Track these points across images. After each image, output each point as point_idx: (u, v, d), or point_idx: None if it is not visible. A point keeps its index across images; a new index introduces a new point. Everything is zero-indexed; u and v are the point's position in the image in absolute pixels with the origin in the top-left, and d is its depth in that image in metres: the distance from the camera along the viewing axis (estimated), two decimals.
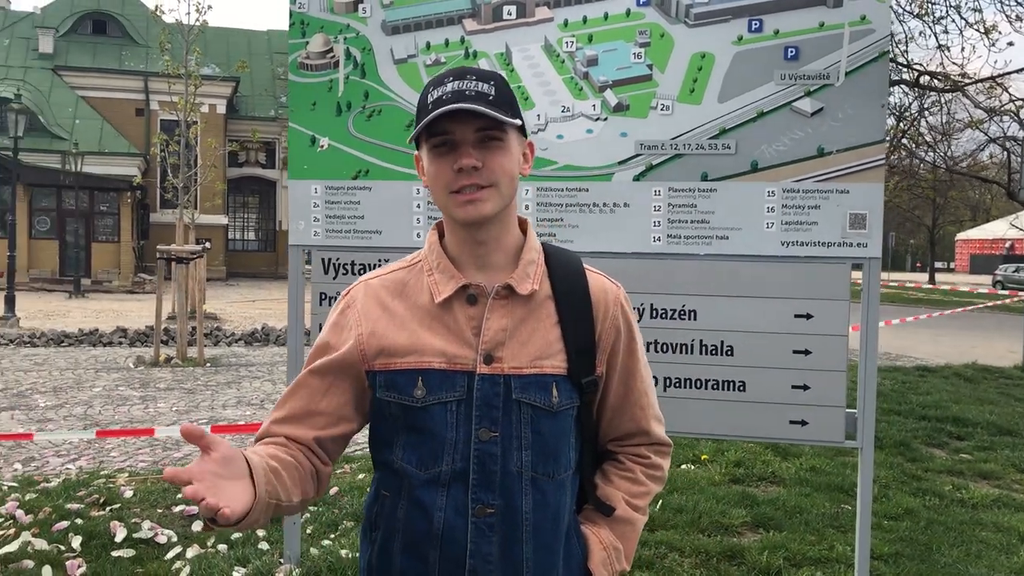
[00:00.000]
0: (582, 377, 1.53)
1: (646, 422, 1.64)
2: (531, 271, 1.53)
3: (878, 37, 3.23)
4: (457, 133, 1.46)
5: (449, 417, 1.48)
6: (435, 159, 1.48)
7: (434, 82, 1.50)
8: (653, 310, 3.43)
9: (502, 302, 1.51)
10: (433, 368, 1.49)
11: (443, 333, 1.51)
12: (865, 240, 3.27)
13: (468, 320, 1.51)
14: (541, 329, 1.52)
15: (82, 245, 30.26)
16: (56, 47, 36.69)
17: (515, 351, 1.50)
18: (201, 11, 15.14)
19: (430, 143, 1.48)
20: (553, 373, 1.51)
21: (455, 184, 1.46)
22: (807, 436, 3.36)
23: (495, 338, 1.49)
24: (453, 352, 1.49)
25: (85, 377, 10.69)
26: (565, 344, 1.52)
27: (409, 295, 1.55)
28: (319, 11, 3.61)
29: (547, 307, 1.54)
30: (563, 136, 3.43)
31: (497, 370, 1.48)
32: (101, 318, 18.64)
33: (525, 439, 1.49)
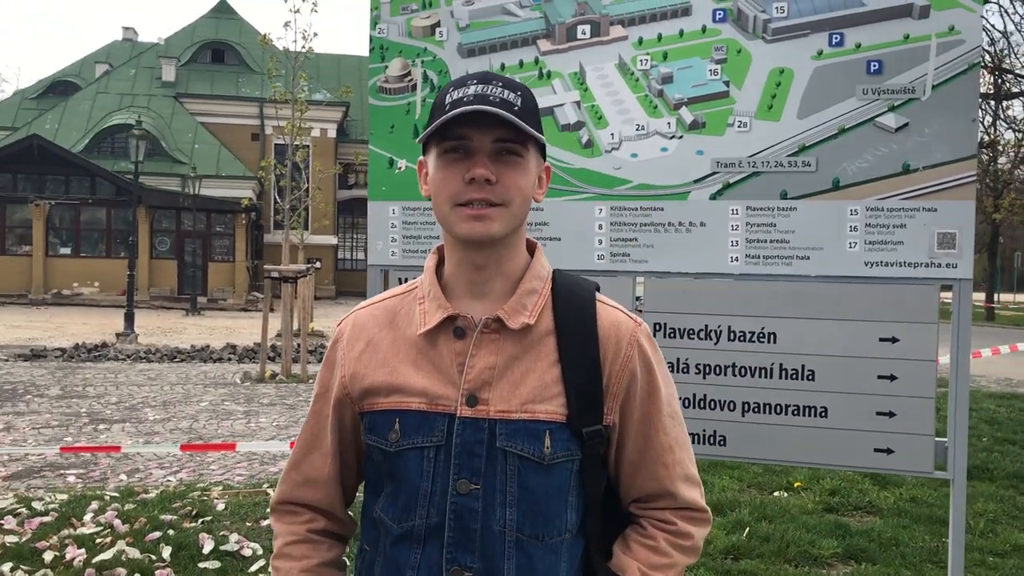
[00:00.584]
0: (584, 426, 1.33)
1: (671, 483, 1.42)
2: (529, 302, 1.36)
3: (968, 48, 3.08)
4: (474, 139, 1.30)
5: (426, 465, 1.32)
6: (444, 165, 1.33)
7: (456, 83, 1.36)
8: (731, 332, 3.34)
9: (491, 336, 1.34)
10: (411, 409, 1.33)
11: (427, 370, 1.35)
12: (955, 260, 3.11)
13: (454, 356, 1.34)
14: (537, 369, 1.34)
15: (199, 264, 31.60)
16: (178, 75, 38.57)
17: (504, 393, 1.32)
18: (307, 39, 15.66)
19: (441, 147, 1.33)
20: (547, 420, 1.32)
21: (463, 196, 1.31)
22: (893, 465, 3.20)
23: (480, 377, 1.32)
24: (435, 391, 1.33)
25: (193, 392, 11.11)
26: (565, 387, 1.33)
27: (398, 325, 1.40)
28: (397, 36, 3.68)
29: (547, 344, 1.36)
30: (637, 155, 3.39)
31: (481, 413, 1.31)
32: (214, 335, 19.39)
33: (510, 494, 1.31)
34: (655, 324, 3.39)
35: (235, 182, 34.53)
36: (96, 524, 4.80)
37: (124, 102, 36.76)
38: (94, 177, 32.51)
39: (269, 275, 13.01)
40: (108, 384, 11.68)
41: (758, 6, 3.26)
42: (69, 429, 8.55)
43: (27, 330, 19.97)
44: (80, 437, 8.17)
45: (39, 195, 32.05)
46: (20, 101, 41.57)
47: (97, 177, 32.44)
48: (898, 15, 3.13)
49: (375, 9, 3.71)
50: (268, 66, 15.96)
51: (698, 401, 3.36)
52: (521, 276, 1.39)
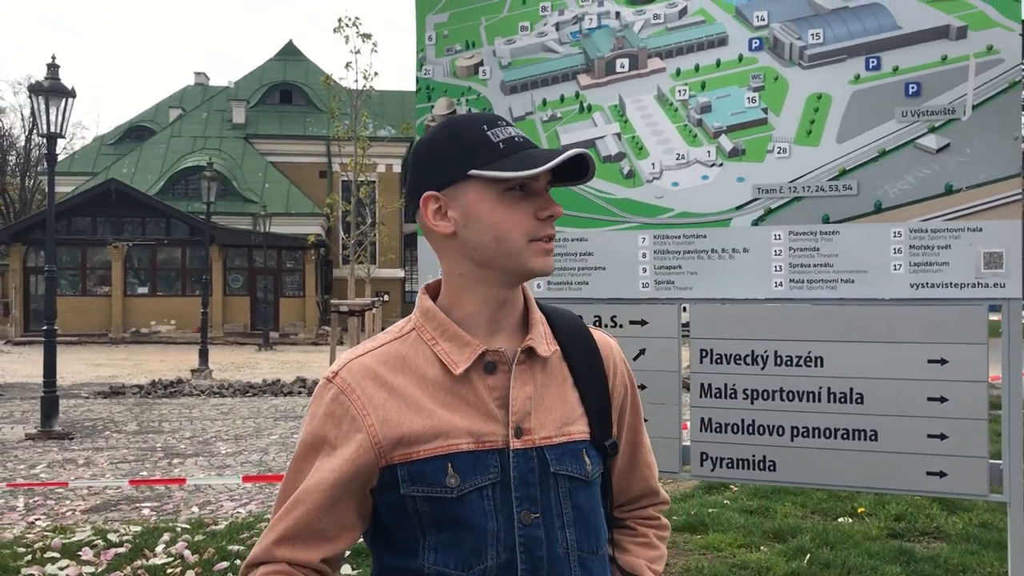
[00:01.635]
0: (604, 440, 1.43)
1: (654, 481, 1.56)
2: (544, 331, 1.42)
3: (1008, 67, 3.07)
4: (540, 180, 1.35)
5: (487, 504, 1.31)
6: (512, 203, 1.33)
7: (486, 121, 1.38)
8: (777, 357, 3.35)
9: (524, 367, 1.37)
10: (462, 451, 1.31)
11: (464, 409, 1.34)
12: (1003, 280, 3.08)
13: (489, 391, 1.35)
14: (562, 393, 1.41)
15: (270, 300, 32.30)
16: (247, 117, 39.69)
17: (543, 419, 1.37)
18: (368, 78, 16.05)
19: (504, 184, 1.32)
20: (580, 439, 1.40)
21: (540, 232, 1.34)
22: (946, 488, 3.16)
23: (524, 408, 1.35)
24: (480, 430, 1.33)
25: (264, 425, 11.36)
26: (585, 406, 1.42)
27: (413, 370, 1.36)
28: (443, 76, 3.80)
29: (562, 369, 1.43)
30: (678, 183, 3.44)
31: (529, 443, 1.34)
32: (286, 369, 19.76)
33: (567, 516, 1.36)
34: (701, 350, 3.42)
35: (304, 219, 35.29)
36: (167, 555, 4.96)
37: (196, 144, 37.98)
38: (169, 218, 33.57)
39: (337, 309, 13.28)
40: (183, 419, 12.01)
41: (794, 33, 3.29)
42: (144, 463, 8.83)
43: (107, 368, 20.65)
44: (155, 471, 8.43)
45: (117, 237, 33.20)
46: (99, 147, 43.26)
47: (172, 218, 33.49)
48: (935, 37, 3.14)
49: (421, 51, 3.84)
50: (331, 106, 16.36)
51: (747, 426, 3.37)
52: (523, 309, 1.43)
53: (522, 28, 3.65)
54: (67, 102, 11.31)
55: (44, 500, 7.12)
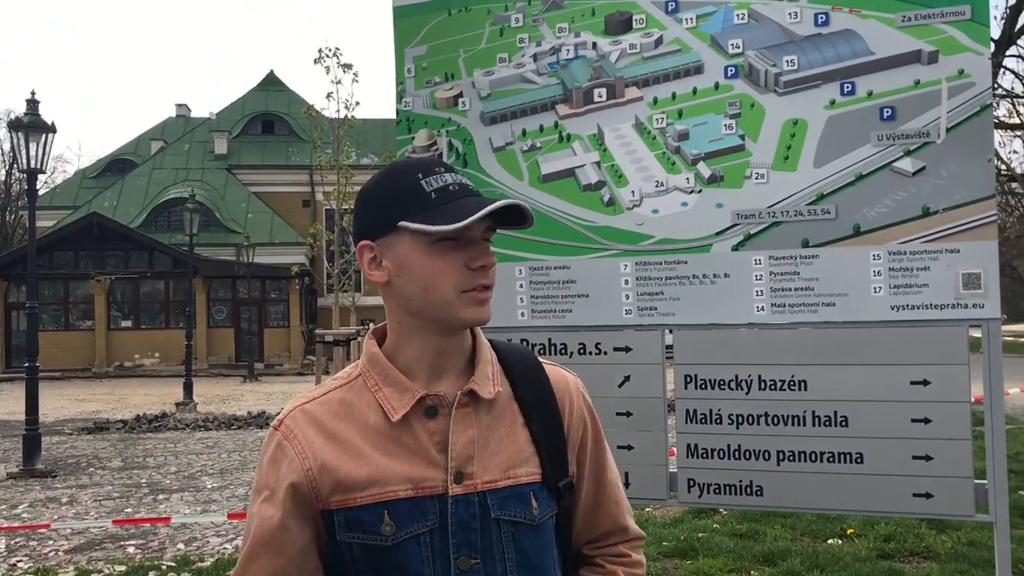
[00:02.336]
0: (558, 480, 1.40)
1: (623, 517, 1.51)
2: (489, 372, 1.39)
3: (979, 90, 3.11)
4: (474, 229, 1.31)
5: (424, 551, 1.31)
6: (443, 253, 1.31)
7: (420, 168, 1.36)
8: (761, 381, 3.35)
9: (465, 411, 1.35)
10: (400, 498, 1.31)
11: (404, 455, 1.33)
12: (981, 300, 3.11)
13: (430, 436, 1.34)
14: (510, 435, 1.38)
15: (255, 331, 32.13)
16: (230, 147, 39.73)
17: (486, 463, 1.34)
18: (350, 107, 16.11)
19: (433, 235, 1.30)
20: (529, 481, 1.37)
21: (471, 282, 1.32)
22: (933, 509, 3.17)
23: (464, 452, 1.33)
24: (419, 475, 1.32)
25: (250, 458, 11.27)
26: (536, 447, 1.39)
27: (356, 416, 1.36)
28: (423, 108, 3.81)
29: (511, 409, 1.40)
30: (658, 210, 3.45)
31: (470, 488, 1.32)
32: (271, 400, 19.64)
33: (509, 561, 1.34)
34: (686, 376, 3.42)
35: (288, 248, 35.23)
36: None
37: (179, 176, 37.94)
38: (151, 251, 33.45)
39: (321, 339, 13.23)
40: (167, 454, 11.91)
41: (769, 60, 3.33)
42: (129, 500, 8.74)
43: (91, 403, 20.46)
44: (140, 508, 8.34)
45: (100, 271, 33.02)
46: (81, 180, 43.13)
47: (154, 251, 33.37)
48: (908, 62, 3.18)
49: (400, 84, 3.86)
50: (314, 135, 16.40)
51: (732, 451, 3.37)
52: (471, 350, 1.41)
53: (500, 60, 3.67)
54: (47, 137, 11.28)
55: (26, 541, 7.02)
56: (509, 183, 3.64)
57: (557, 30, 3.60)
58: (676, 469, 3.45)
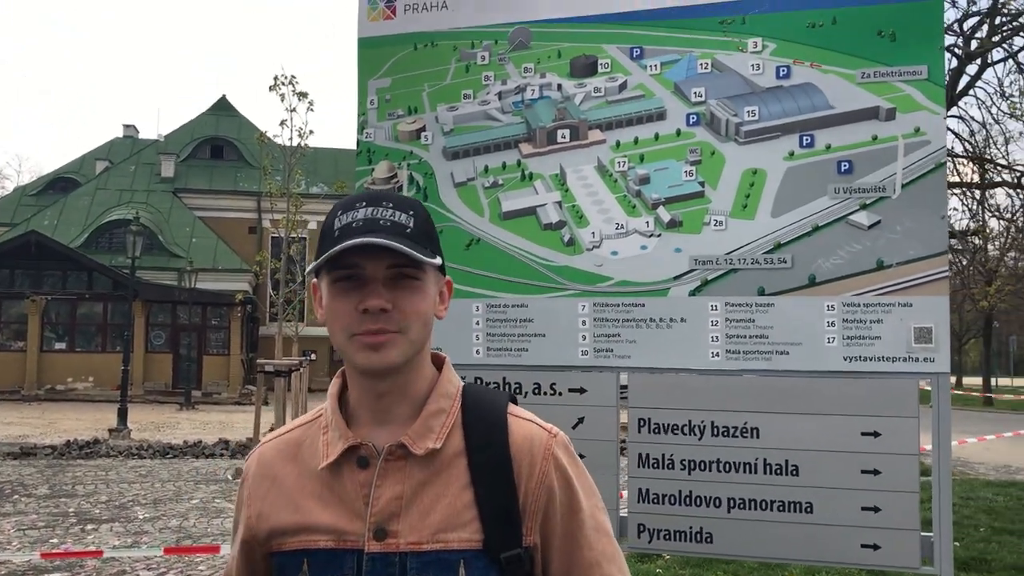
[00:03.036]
0: (503, 551, 1.25)
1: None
2: (436, 424, 1.29)
3: (934, 148, 3.18)
4: (368, 268, 1.24)
5: None
6: (337, 295, 1.27)
7: (343, 205, 1.31)
8: (714, 427, 3.35)
9: (397, 464, 1.27)
10: (319, 548, 1.26)
11: (334, 505, 1.28)
12: (932, 355, 3.15)
13: (359, 488, 1.27)
14: (447, 495, 1.26)
15: (194, 358, 31.52)
16: (177, 171, 39.22)
17: (413, 523, 1.25)
18: (303, 136, 16.01)
19: (332, 276, 1.27)
20: (462, 548, 1.24)
21: (358, 327, 1.24)
22: (880, 561, 3.18)
23: (387, 508, 1.25)
24: (342, 527, 1.26)
25: (184, 489, 10.98)
26: (479, 511, 1.26)
27: (303, 458, 1.33)
28: (384, 140, 3.79)
29: (457, 466, 1.28)
30: (617, 252, 3.46)
31: (391, 547, 1.24)
32: (208, 429, 19.24)
33: None
34: (640, 420, 3.41)
35: (232, 275, 34.75)
36: None
37: (123, 198, 37.28)
38: (91, 272, 32.71)
39: (262, 369, 12.99)
40: (98, 482, 11.54)
41: (730, 110, 3.37)
42: (56, 530, 8.42)
43: (19, 427, 19.80)
44: (67, 538, 8.05)
45: (36, 290, 32.17)
46: (20, 197, 42.19)
47: (94, 272, 32.65)
48: (866, 117, 3.24)
49: (362, 115, 3.83)
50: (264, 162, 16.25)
51: (684, 498, 3.35)
52: (426, 397, 1.32)
53: (465, 96, 3.67)
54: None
55: None
56: (470, 219, 3.63)
57: (523, 70, 3.61)
58: (627, 513, 3.43)
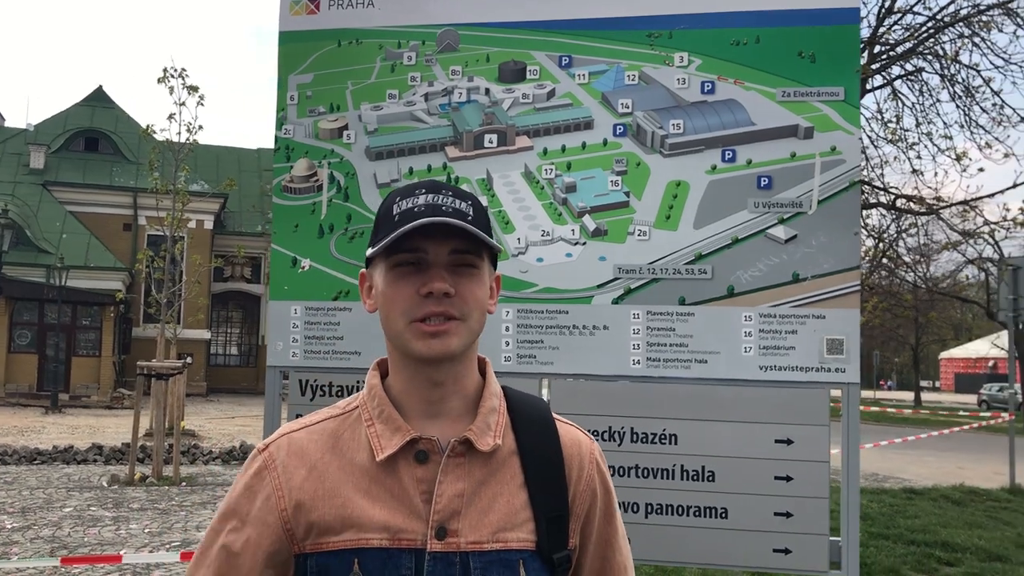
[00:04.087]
0: (554, 552, 1.26)
1: None
2: (492, 421, 1.28)
3: (849, 167, 3.32)
4: (430, 252, 1.23)
5: None
6: (396, 279, 1.24)
7: (402, 192, 1.29)
8: (634, 434, 3.40)
9: (458, 460, 1.24)
10: (372, 547, 1.20)
11: (386, 501, 1.22)
12: (843, 365, 3.28)
13: (416, 484, 1.23)
14: (505, 493, 1.26)
15: (62, 359, 29.95)
16: (47, 163, 37.28)
17: (474, 522, 1.22)
18: (192, 131, 15.50)
19: (392, 260, 1.25)
20: (520, 548, 1.24)
21: (419, 311, 1.22)
22: (791, 565, 3.28)
23: (450, 506, 1.22)
24: (398, 525, 1.21)
25: (56, 496, 10.44)
26: (534, 511, 1.26)
27: (343, 451, 1.26)
28: (304, 137, 3.69)
29: (511, 466, 1.28)
30: (543, 259, 3.47)
31: (452, 547, 1.21)
32: (77, 434, 18.34)
33: None
34: None
35: (105, 273, 33.25)
36: None
37: None
38: None
39: (143, 371, 12.48)
40: None
41: (656, 122, 3.43)
42: None
43: None
44: None
45: None
46: None
47: None
48: (786, 135, 3.35)
49: (281, 110, 3.73)
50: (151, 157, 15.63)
51: None
52: (477, 393, 1.31)
53: (390, 96, 3.62)
54: None
55: None
56: None
57: (450, 72, 3.59)
58: None
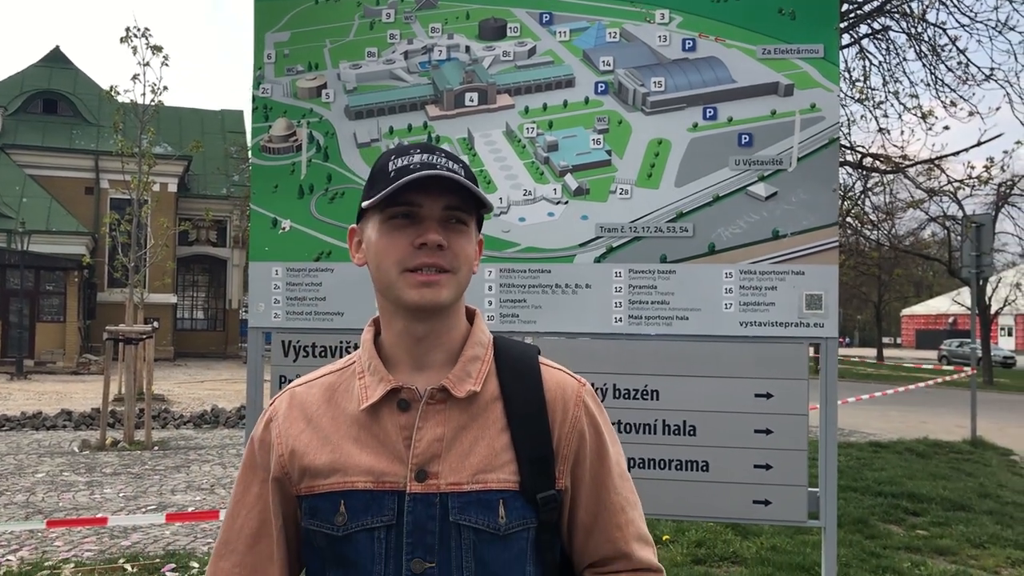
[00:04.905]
0: (538, 492, 1.31)
1: (625, 544, 1.40)
2: (473, 369, 1.34)
3: (828, 124, 3.35)
4: (425, 206, 1.29)
5: (376, 547, 1.27)
6: (390, 231, 1.31)
7: (397, 151, 1.36)
8: (616, 390, 3.44)
9: (438, 407, 1.31)
10: (357, 489, 1.28)
11: (372, 447, 1.30)
12: (822, 320, 3.34)
13: (399, 430, 1.30)
14: (486, 437, 1.31)
15: (26, 325, 29.58)
16: (4, 125, 36.47)
17: (454, 464, 1.29)
18: (157, 92, 15.22)
19: (387, 212, 1.31)
20: (500, 488, 1.29)
21: (413, 261, 1.28)
22: (771, 516, 3.36)
23: (428, 450, 1.29)
24: (381, 469, 1.28)
25: (27, 462, 10.37)
26: (516, 453, 1.31)
27: (338, 402, 1.35)
28: (282, 96, 3.65)
29: (494, 411, 1.33)
30: (525, 219, 3.48)
31: (432, 488, 1.27)
32: (44, 400, 18.17)
33: (467, 570, 1.27)
34: None
35: (67, 238, 32.74)
36: None
37: None
38: None
39: (111, 337, 12.36)
40: None
41: (637, 80, 3.43)
42: None
43: None
44: None
45: None
46: None
47: None
48: (766, 92, 3.37)
49: (259, 69, 3.68)
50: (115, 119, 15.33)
51: None
52: (460, 344, 1.37)
53: (369, 54, 3.58)
54: None
55: None
56: None
57: (430, 30, 3.56)
58: None
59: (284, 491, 1.35)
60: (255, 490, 1.37)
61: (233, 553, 1.36)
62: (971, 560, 6.03)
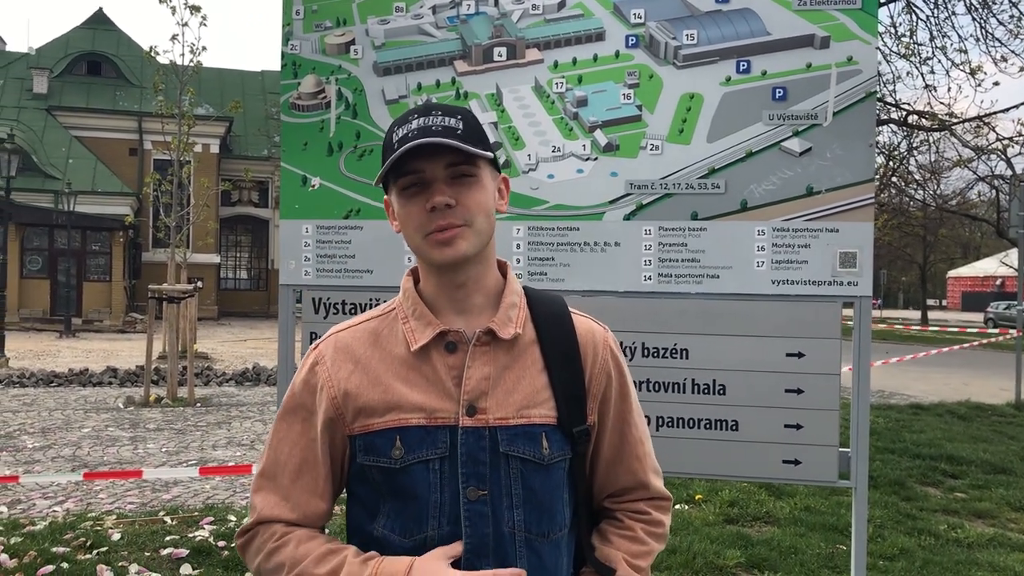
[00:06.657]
0: (573, 426, 1.43)
1: (644, 474, 1.54)
2: (513, 314, 1.44)
3: (865, 78, 3.26)
4: (427, 171, 1.37)
5: (432, 477, 1.37)
6: (406, 201, 1.40)
7: (398, 121, 1.43)
8: (644, 349, 3.42)
9: (484, 348, 1.41)
10: (411, 425, 1.38)
11: (421, 385, 1.40)
12: (856, 279, 3.28)
13: (448, 370, 1.40)
14: (527, 376, 1.43)
15: (73, 284, 30.18)
16: (50, 87, 36.95)
17: (500, 400, 1.39)
18: (196, 52, 15.27)
19: (399, 184, 1.40)
20: (542, 423, 1.41)
21: (429, 225, 1.37)
22: (801, 476, 3.33)
23: (478, 387, 1.39)
24: (433, 406, 1.39)
25: (74, 418, 10.62)
26: (553, 391, 1.43)
27: (383, 346, 1.44)
28: (311, 53, 3.64)
29: (532, 352, 1.44)
30: (554, 176, 3.44)
31: (481, 422, 1.38)
32: (91, 358, 18.58)
33: (516, 496, 1.39)
34: None
35: (112, 198, 33.24)
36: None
37: None
38: None
39: (156, 295, 12.56)
40: None
41: (669, 33, 3.36)
42: None
43: None
44: None
45: None
46: None
47: None
48: (801, 44, 3.28)
49: (287, 25, 3.67)
50: (155, 79, 15.43)
51: None
52: (498, 291, 1.47)
53: (397, 9, 3.55)
54: None
55: None
56: None
57: None
58: None
59: (333, 432, 1.43)
60: (298, 427, 1.45)
61: (279, 487, 1.44)
62: (1010, 523, 5.95)
